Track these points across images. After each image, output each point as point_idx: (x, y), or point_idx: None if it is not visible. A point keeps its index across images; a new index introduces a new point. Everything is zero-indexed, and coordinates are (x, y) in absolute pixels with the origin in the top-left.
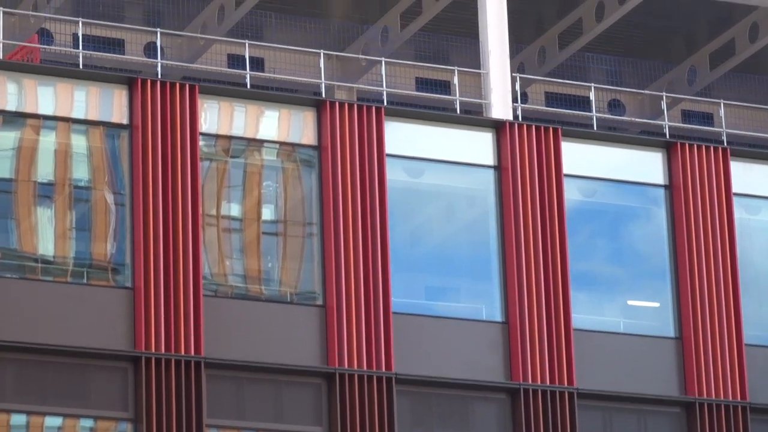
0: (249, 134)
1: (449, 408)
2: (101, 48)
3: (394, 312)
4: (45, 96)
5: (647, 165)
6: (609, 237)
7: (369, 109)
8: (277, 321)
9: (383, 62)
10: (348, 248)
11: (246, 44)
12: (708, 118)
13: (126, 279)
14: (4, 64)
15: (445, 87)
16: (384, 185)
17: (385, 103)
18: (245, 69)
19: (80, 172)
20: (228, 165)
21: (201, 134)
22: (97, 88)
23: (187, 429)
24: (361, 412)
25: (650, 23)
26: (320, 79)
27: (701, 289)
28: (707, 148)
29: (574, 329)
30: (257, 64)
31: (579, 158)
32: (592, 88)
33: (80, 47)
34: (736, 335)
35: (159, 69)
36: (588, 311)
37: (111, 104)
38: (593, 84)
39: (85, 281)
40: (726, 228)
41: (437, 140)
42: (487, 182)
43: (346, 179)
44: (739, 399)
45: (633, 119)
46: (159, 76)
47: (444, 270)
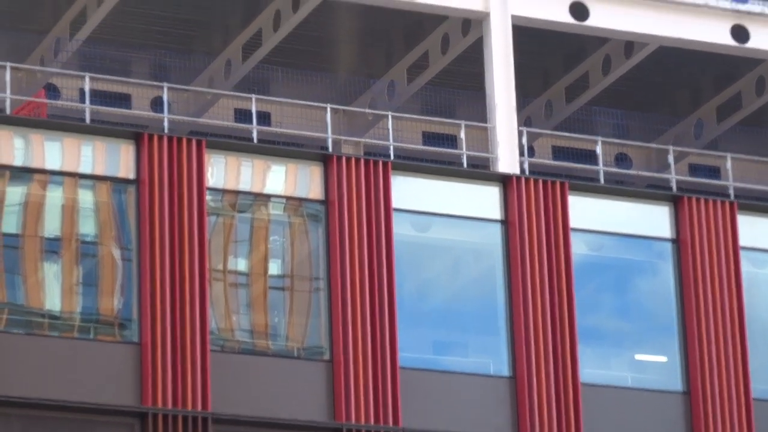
0: (256, 189)
1: None
2: (108, 102)
3: (402, 367)
4: (52, 151)
5: (654, 219)
6: (616, 291)
7: (376, 164)
8: (284, 376)
9: (390, 116)
10: (355, 303)
11: (253, 98)
12: (715, 172)
13: (133, 334)
14: (11, 119)
15: (452, 141)
16: (391, 239)
17: (392, 158)
18: (252, 123)
19: (87, 227)
20: (235, 220)
21: (208, 189)
22: (104, 143)
23: None
24: None
25: (657, 77)
26: (327, 134)
27: (708, 344)
28: (714, 202)
29: (582, 384)
30: (264, 119)
31: (586, 212)
32: (599, 142)
33: (87, 102)
34: (744, 390)
35: (166, 123)
36: (595, 366)
37: (118, 159)
38: (600, 138)
39: (92, 336)
40: (733, 282)
41: (444, 194)
42: (494, 236)
43: (353, 234)
44: None
45: (640, 173)
46: (166, 131)
47: (451, 324)
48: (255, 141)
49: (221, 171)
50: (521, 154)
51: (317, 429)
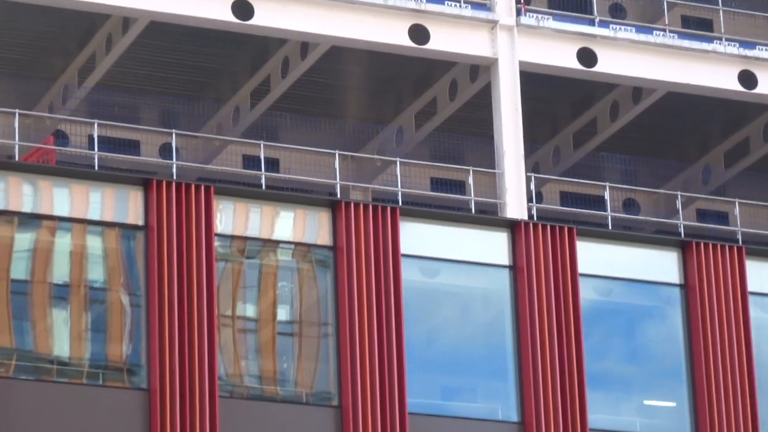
0: (264, 235)
1: None
2: (117, 149)
3: (410, 412)
4: (60, 197)
5: (662, 264)
6: (625, 336)
7: (384, 210)
8: (293, 422)
9: (398, 162)
10: (363, 348)
11: (261, 145)
12: (723, 217)
13: (141, 380)
14: (20, 166)
15: (460, 187)
16: (399, 285)
17: (400, 203)
18: (260, 170)
19: (96, 274)
20: (243, 265)
21: (216, 235)
22: (113, 190)
23: None
24: None
25: (664, 123)
26: (335, 180)
27: (717, 389)
28: (722, 247)
29: (591, 429)
30: (272, 165)
31: (594, 257)
32: (607, 188)
33: (96, 148)
34: None
35: (174, 170)
36: (604, 411)
37: (126, 205)
38: (608, 183)
39: (101, 383)
40: (741, 327)
41: (452, 240)
42: (503, 282)
43: (362, 279)
44: None
45: (648, 218)
46: (174, 177)
47: (460, 370)
48: (263, 187)
49: (230, 217)
50: (529, 200)
51: None
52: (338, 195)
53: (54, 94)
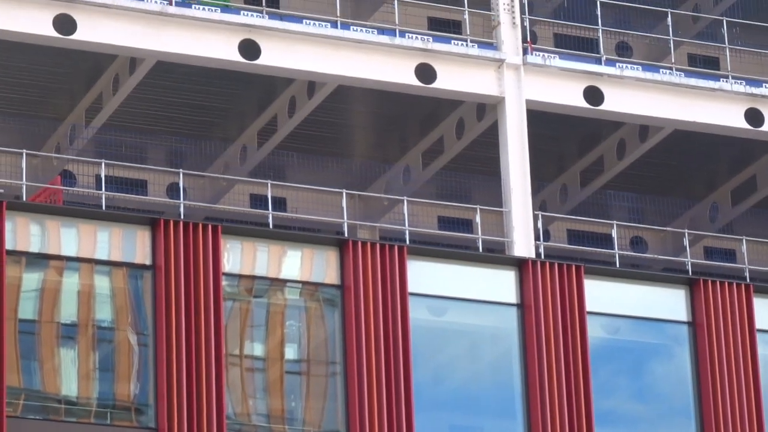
0: (272, 274)
1: None
2: (124, 189)
3: None
4: (68, 237)
5: (670, 302)
6: (633, 374)
7: (391, 248)
8: None
9: (405, 201)
10: (371, 387)
11: (268, 184)
12: (730, 255)
13: (150, 419)
14: (28, 206)
15: (468, 225)
16: (407, 324)
17: (408, 242)
18: (268, 209)
19: (103, 313)
20: (251, 305)
21: (224, 274)
22: (120, 229)
23: None
24: None
25: (671, 161)
26: (342, 219)
27: (725, 427)
28: (730, 285)
29: None
30: (280, 204)
31: (602, 296)
32: (614, 226)
33: (103, 188)
34: None
35: (182, 209)
36: None
37: (134, 245)
38: (615, 221)
39: (109, 422)
40: (750, 364)
41: (460, 279)
42: (510, 320)
43: (369, 318)
44: None
45: (655, 256)
46: (182, 217)
47: (468, 409)
48: (271, 226)
49: (237, 256)
50: (537, 238)
51: None
52: (345, 234)
53: (61, 134)
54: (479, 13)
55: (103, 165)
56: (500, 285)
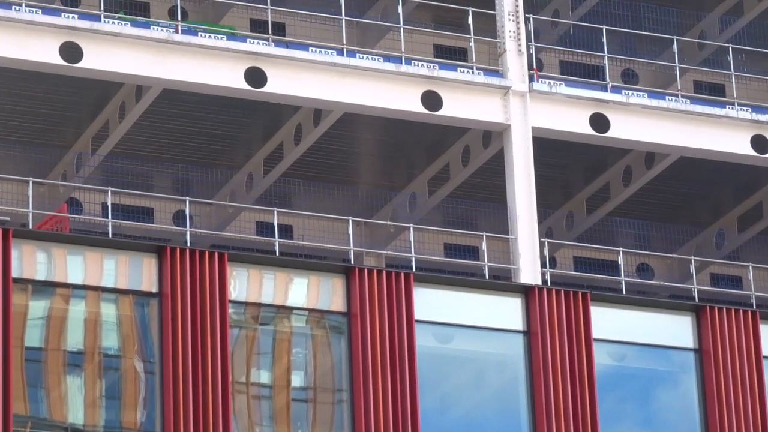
0: (278, 301)
1: None
2: (130, 217)
3: None
4: (74, 265)
5: (677, 329)
6: (639, 401)
7: (398, 276)
8: None
9: (411, 228)
10: (378, 415)
11: (275, 212)
12: (737, 282)
13: None
14: (34, 234)
15: (474, 252)
16: (413, 351)
17: (414, 269)
18: (274, 236)
19: (110, 341)
20: (257, 332)
21: (230, 302)
22: (127, 257)
23: None
24: None
25: (677, 188)
26: (349, 246)
27: None
28: (736, 312)
29: None
30: (286, 232)
31: (608, 323)
32: (621, 253)
33: (109, 216)
34: None
35: (188, 237)
36: None
37: (140, 273)
38: (621, 248)
39: None
40: (756, 392)
41: (466, 306)
42: (517, 347)
43: (376, 346)
44: None
45: (662, 283)
46: (188, 244)
47: None
48: (277, 254)
49: (243, 284)
50: (543, 266)
51: None
52: (352, 261)
53: (67, 162)
54: (485, 41)
55: (110, 193)
56: (506, 312)
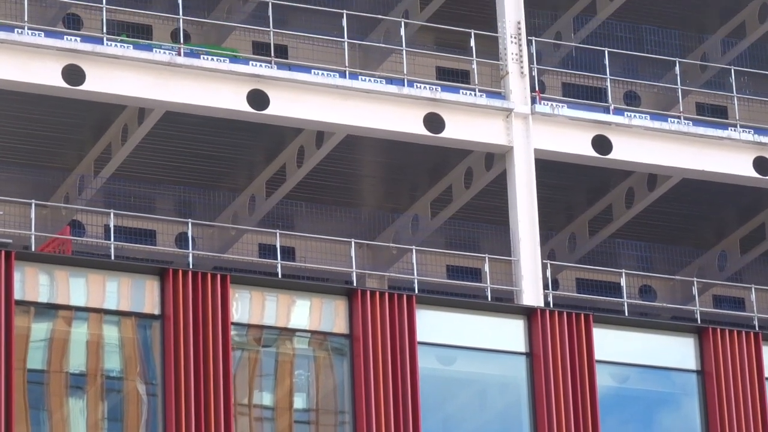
0: (280, 323)
1: None
2: (133, 239)
3: None
4: (77, 287)
5: (679, 350)
6: (642, 423)
7: (400, 298)
8: None
9: (414, 250)
10: None
11: (277, 234)
12: (739, 303)
13: None
14: (36, 256)
15: (476, 274)
16: (416, 373)
17: (417, 291)
18: (276, 258)
19: (112, 363)
20: (260, 354)
21: (232, 324)
22: (129, 279)
23: None
24: None
25: (680, 210)
26: (351, 268)
27: None
28: (739, 333)
29: None
30: (288, 254)
31: (611, 344)
32: (623, 275)
33: (112, 238)
34: None
35: (190, 259)
36: None
37: (143, 295)
38: (624, 270)
39: None
40: (759, 413)
41: (469, 328)
42: (519, 369)
43: (378, 367)
44: None
45: (664, 305)
46: (190, 267)
47: None
48: (279, 276)
49: (246, 306)
50: (545, 287)
51: None
52: (354, 283)
53: (70, 185)
54: (487, 63)
55: (112, 215)
56: (509, 334)
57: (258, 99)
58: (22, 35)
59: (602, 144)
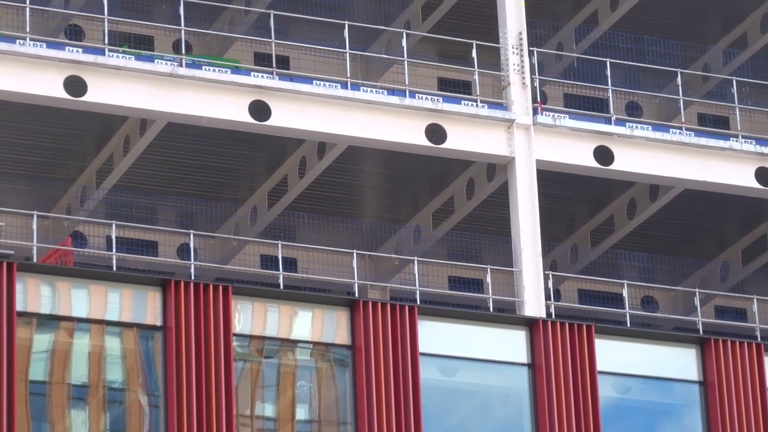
0: (282, 334)
1: None
2: (135, 250)
3: None
4: (79, 298)
5: (681, 361)
6: None
7: (402, 309)
8: None
9: (416, 261)
10: None
11: (279, 245)
12: (741, 314)
13: None
14: (38, 267)
15: (478, 285)
16: (418, 384)
17: (418, 302)
18: (278, 269)
19: (114, 374)
20: (262, 365)
21: (234, 335)
22: (131, 290)
23: None
24: None
25: (681, 221)
26: (353, 279)
27: None
28: (741, 344)
29: None
30: (290, 265)
31: (613, 355)
32: (625, 285)
33: (114, 249)
34: None
35: (192, 270)
36: None
37: (145, 306)
38: (626, 281)
39: None
40: (761, 424)
41: (471, 339)
42: (521, 380)
43: (380, 378)
44: None
45: (666, 316)
46: (192, 278)
47: None
48: (281, 287)
49: (248, 317)
50: (547, 298)
51: None
52: (356, 294)
53: (72, 196)
54: (489, 74)
55: (114, 226)
56: (511, 345)
57: (260, 110)
58: (24, 46)
59: (604, 155)
